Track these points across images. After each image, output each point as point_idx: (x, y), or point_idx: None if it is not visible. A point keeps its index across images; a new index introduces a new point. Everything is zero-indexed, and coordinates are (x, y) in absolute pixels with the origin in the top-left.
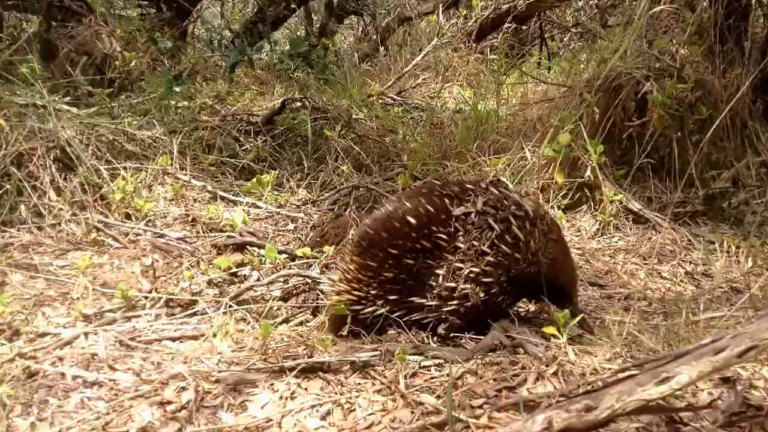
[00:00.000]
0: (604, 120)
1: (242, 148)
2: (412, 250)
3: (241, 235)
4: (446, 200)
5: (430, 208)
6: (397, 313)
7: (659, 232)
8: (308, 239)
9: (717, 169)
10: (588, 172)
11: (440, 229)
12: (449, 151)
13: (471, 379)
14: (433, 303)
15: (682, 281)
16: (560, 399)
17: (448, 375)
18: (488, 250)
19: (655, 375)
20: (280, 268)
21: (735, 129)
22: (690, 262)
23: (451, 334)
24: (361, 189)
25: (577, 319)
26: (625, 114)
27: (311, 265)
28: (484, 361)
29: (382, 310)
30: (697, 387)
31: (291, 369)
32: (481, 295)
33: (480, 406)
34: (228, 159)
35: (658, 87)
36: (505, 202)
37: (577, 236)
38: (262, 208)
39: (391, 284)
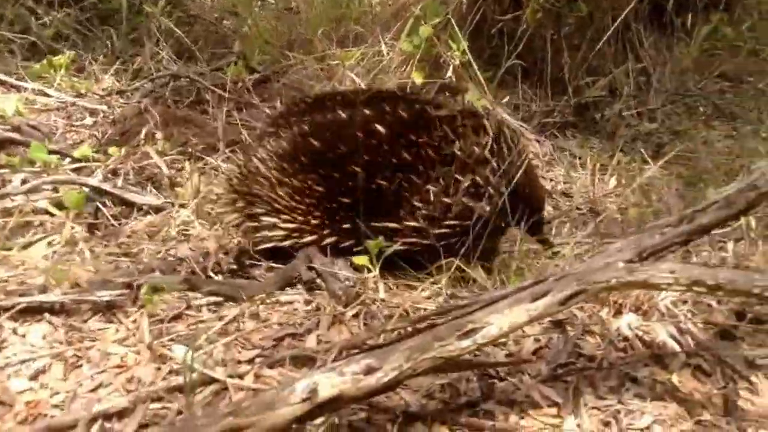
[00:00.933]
0: (473, 12)
1: (39, 22)
2: (387, 166)
3: (18, 129)
4: (417, 105)
5: (404, 114)
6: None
7: (525, 145)
8: (105, 137)
9: (593, 76)
10: (450, 73)
11: (425, 135)
12: (298, 39)
13: (250, 324)
14: (420, 225)
15: None
16: (350, 352)
17: (220, 318)
18: (489, 157)
19: (459, 326)
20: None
21: (617, 31)
22: (551, 179)
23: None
24: (182, 79)
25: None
26: (499, 6)
27: (93, 171)
28: (272, 300)
29: (329, 240)
30: (523, 332)
31: (6, 309)
32: (487, 208)
33: (251, 360)
34: (18, 35)
35: None
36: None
37: None
38: (53, 96)
39: (345, 211)
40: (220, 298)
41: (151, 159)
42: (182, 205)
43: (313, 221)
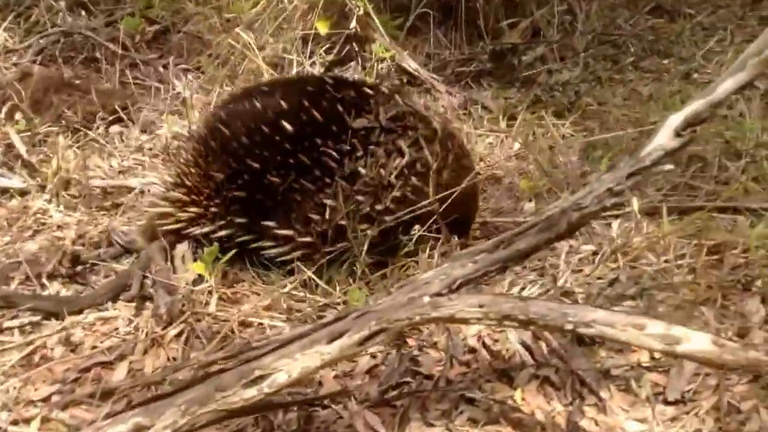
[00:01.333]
0: None
1: None
2: (283, 165)
3: None
4: (339, 106)
5: (317, 114)
6: (242, 239)
7: (435, 98)
8: None
9: (514, 18)
10: (354, 22)
11: (330, 143)
12: None
13: (59, 351)
14: (305, 239)
15: None
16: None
17: (29, 344)
18: (394, 182)
19: (245, 373)
20: None
21: None
22: None
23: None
24: (75, 35)
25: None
26: None
27: None
28: (95, 317)
29: (222, 233)
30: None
31: None
32: (375, 233)
33: (45, 399)
34: None
35: None
36: (412, 118)
37: None
38: None
39: (241, 204)
40: (38, 317)
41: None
42: (43, 188)
43: (212, 209)
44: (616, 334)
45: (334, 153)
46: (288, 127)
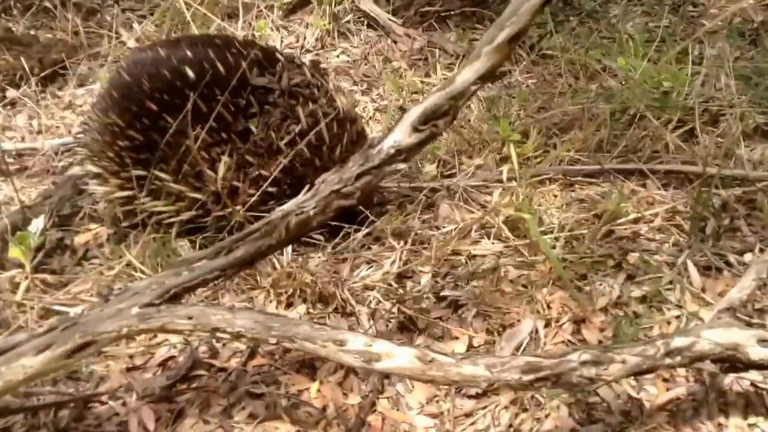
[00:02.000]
0: None
1: None
2: (180, 110)
3: None
4: (243, 63)
5: (220, 66)
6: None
7: (395, 42)
8: None
9: None
10: None
11: (228, 96)
12: None
13: None
14: (195, 195)
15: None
16: None
17: None
18: (284, 148)
19: None
20: None
21: None
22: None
23: None
24: None
25: None
26: None
27: None
28: None
29: (119, 194)
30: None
31: None
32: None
33: None
34: None
35: None
36: (316, 91)
37: (292, 49)
38: None
39: (138, 155)
40: None
41: None
42: None
43: (110, 154)
44: (316, 349)
45: (230, 106)
46: (189, 73)
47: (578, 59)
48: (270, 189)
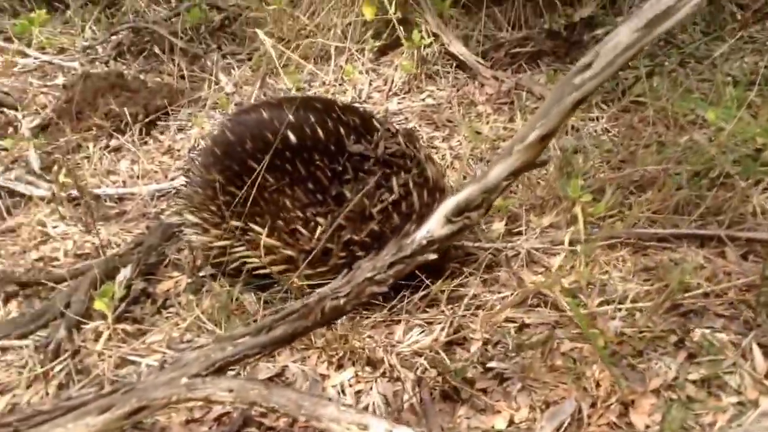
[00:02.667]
0: None
1: None
2: (279, 171)
3: None
4: (342, 128)
5: (319, 130)
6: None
7: (482, 85)
8: (56, 104)
9: None
10: (392, 7)
11: (325, 161)
12: None
13: None
14: (288, 252)
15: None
16: None
17: None
18: (375, 215)
19: None
20: None
21: None
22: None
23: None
24: (142, 32)
25: None
26: None
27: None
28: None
29: (218, 244)
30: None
31: None
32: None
33: None
34: None
35: None
36: (409, 162)
37: (380, 92)
38: (31, 56)
39: (237, 208)
40: None
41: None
42: (50, 199)
43: (212, 207)
44: (341, 431)
45: (327, 170)
46: (291, 137)
47: (669, 107)
48: (359, 253)
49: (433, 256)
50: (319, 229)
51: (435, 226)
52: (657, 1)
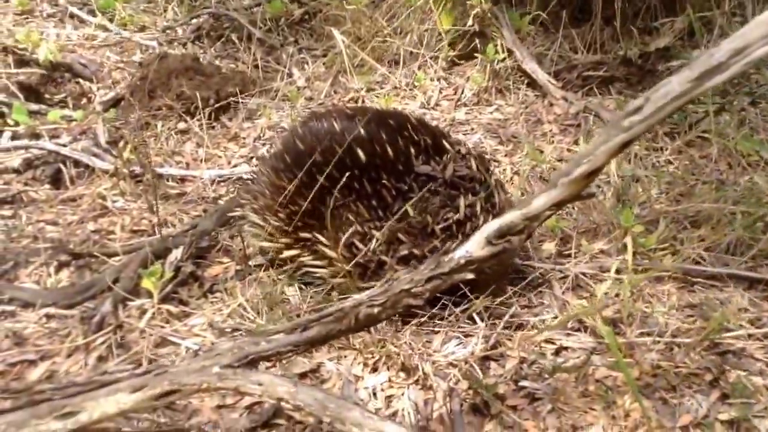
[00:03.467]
0: None
1: None
2: (345, 186)
3: (69, 67)
4: (412, 148)
5: (389, 149)
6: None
7: (551, 104)
8: (131, 80)
9: (667, 18)
10: (470, 20)
11: (392, 180)
12: None
13: (6, 343)
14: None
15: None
16: None
17: None
18: (438, 233)
19: (58, 407)
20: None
21: None
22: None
23: None
24: (222, 18)
25: None
26: None
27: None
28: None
29: (288, 254)
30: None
31: None
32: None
33: None
34: None
35: None
36: (478, 186)
37: (449, 101)
38: (112, 31)
39: (304, 217)
40: (13, 306)
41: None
42: (113, 173)
43: (280, 215)
44: None
45: (393, 189)
46: (360, 154)
47: (733, 146)
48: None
49: (470, 276)
50: (374, 242)
51: (475, 246)
52: (710, 56)
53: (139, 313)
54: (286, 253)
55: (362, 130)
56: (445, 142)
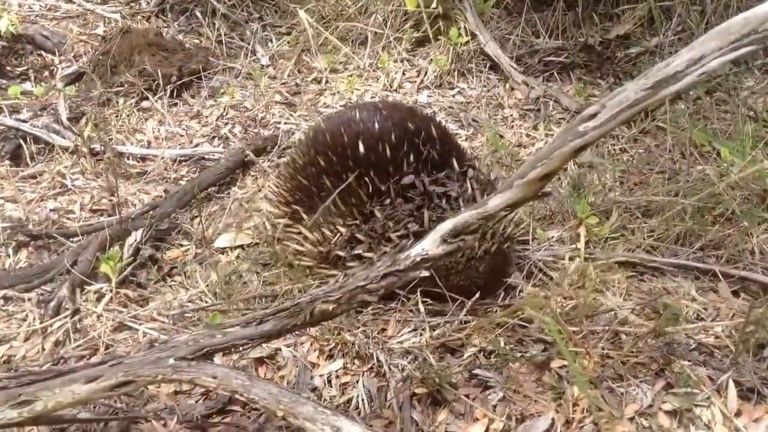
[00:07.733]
0: None
1: None
2: (337, 176)
3: (32, 39)
4: (413, 156)
5: (388, 149)
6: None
7: (512, 89)
8: (93, 55)
9: (633, 4)
10: (434, 2)
11: (375, 180)
12: None
13: None
14: (320, 249)
15: None
16: None
17: None
18: (394, 239)
19: (12, 396)
20: None
21: None
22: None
23: None
24: None
25: None
26: None
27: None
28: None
29: (279, 220)
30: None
31: None
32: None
33: None
34: None
35: None
36: (462, 203)
37: (411, 83)
38: (75, 2)
39: (300, 194)
40: None
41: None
42: (73, 151)
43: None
44: (314, 430)
45: (371, 188)
46: (361, 148)
47: (687, 137)
48: None
49: (425, 273)
50: (336, 236)
51: (430, 245)
52: (666, 65)
53: (96, 297)
54: (279, 220)
55: (376, 125)
56: (452, 160)
